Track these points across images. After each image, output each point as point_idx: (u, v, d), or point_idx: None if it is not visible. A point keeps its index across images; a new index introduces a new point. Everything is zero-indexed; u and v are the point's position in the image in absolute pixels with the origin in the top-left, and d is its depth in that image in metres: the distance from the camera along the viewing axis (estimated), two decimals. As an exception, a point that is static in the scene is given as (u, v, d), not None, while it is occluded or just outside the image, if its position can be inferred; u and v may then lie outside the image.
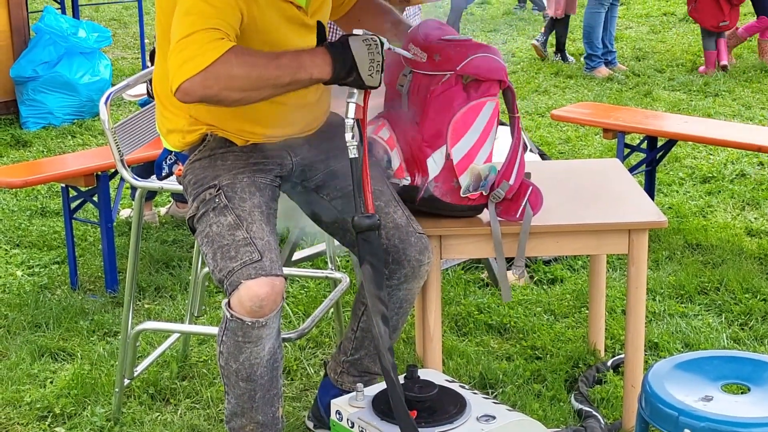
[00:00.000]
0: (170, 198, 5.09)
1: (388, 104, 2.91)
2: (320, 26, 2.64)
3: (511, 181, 2.81)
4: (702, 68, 8.23)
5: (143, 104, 4.58)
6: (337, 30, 4.67)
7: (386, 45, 2.58)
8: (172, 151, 2.83)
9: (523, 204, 2.83)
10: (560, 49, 8.79)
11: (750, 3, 8.33)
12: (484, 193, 2.83)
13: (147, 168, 4.50)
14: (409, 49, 2.82)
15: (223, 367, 2.58)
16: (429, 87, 2.79)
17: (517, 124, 2.85)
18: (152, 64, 4.68)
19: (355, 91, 2.54)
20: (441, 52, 2.78)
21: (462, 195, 2.82)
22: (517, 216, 2.84)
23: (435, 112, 2.79)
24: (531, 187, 2.84)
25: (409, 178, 2.83)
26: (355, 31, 2.55)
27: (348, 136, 2.50)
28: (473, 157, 2.79)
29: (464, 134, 2.78)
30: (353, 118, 2.52)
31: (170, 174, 2.88)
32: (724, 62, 8.16)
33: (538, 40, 8.86)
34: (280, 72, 2.44)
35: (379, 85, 2.55)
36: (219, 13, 2.42)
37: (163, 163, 2.87)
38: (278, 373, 2.63)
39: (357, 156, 2.51)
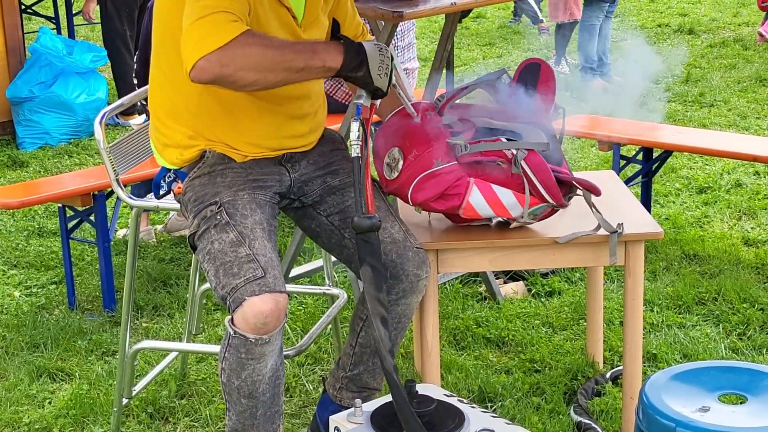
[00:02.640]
0: (168, 214, 5.09)
1: None
2: (335, 23, 2.73)
3: (550, 199, 2.80)
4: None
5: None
6: (341, 85, 4.69)
7: (393, 80, 2.65)
8: (170, 169, 2.83)
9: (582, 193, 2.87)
10: (561, 54, 8.81)
11: None
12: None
13: (144, 186, 4.50)
14: None
15: (224, 383, 2.58)
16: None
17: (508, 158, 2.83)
18: (139, 82, 4.69)
19: (363, 93, 2.60)
20: (393, 192, 2.89)
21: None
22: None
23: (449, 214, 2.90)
24: (573, 181, 2.84)
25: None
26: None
27: (353, 135, 2.53)
28: (511, 217, 2.84)
29: (482, 217, 2.84)
30: (359, 118, 2.55)
31: (169, 192, 2.88)
32: (760, 30, 9.40)
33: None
34: (295, 56, 2.48)
35: (387, 91, 2.61)
36: None
37: (162, 181, 2.88)
38: (280, 390, 2.63)
39: (360, 155, 2.53)
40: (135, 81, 4.52)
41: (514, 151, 2.78)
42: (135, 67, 4.44)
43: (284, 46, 2.50)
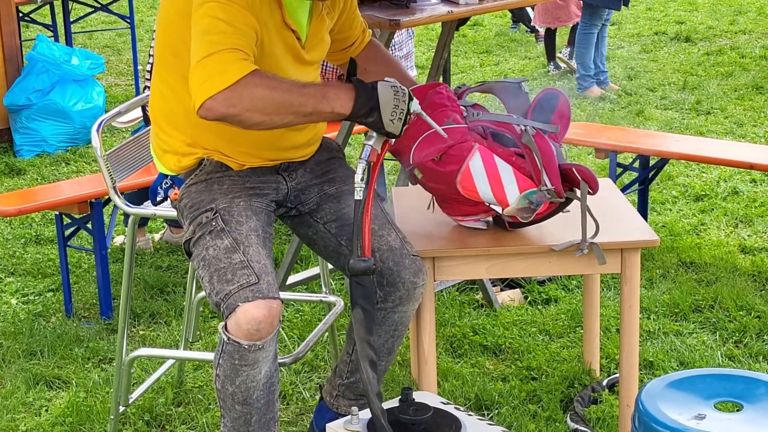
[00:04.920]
0: (164, 224, 5.10)
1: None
2: (352, 62, 2.64)
3: (549, 185, 2.77)
4: None
5: (136, 132, 4.58)
6: (335, 69, 4.68)
7: (418, 110, 2.56)
8: (167, 176, 2.84)
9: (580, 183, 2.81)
10: (551, 58, 8.96)
11: None
12: (548, 201, 2.82)
13: (141, 194, 4.50)
14: None
15: (219, 390, 2.58)
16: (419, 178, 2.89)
17: (514, 132, 2.83)
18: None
19: (374, 134, 2.53)
20: (395, 150, 2.84)
21: (529, 221, 2.85)
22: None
23: (446, 190, 2.85)
24: (574, 168, 2.80)
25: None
26: (386, 78, 2.55)
27: (357, 177, 2.49)
28: (506, 201, 2.79)
29: (478, 193, 2.79)
30: (366, 161, 2.52)
31: (166, 198, 2.88)
32: None
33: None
34: (304, 99, 2.44)
35: (400, 134, 2.54)
36: (238, 33, 2.43)
37: (159, 188, 2.88)
38: (274, 396, 2.63)
39: (361, 198, 2.50)
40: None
41: (524, 127, 2.80)
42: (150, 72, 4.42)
43: (293, 89, 2.45)
